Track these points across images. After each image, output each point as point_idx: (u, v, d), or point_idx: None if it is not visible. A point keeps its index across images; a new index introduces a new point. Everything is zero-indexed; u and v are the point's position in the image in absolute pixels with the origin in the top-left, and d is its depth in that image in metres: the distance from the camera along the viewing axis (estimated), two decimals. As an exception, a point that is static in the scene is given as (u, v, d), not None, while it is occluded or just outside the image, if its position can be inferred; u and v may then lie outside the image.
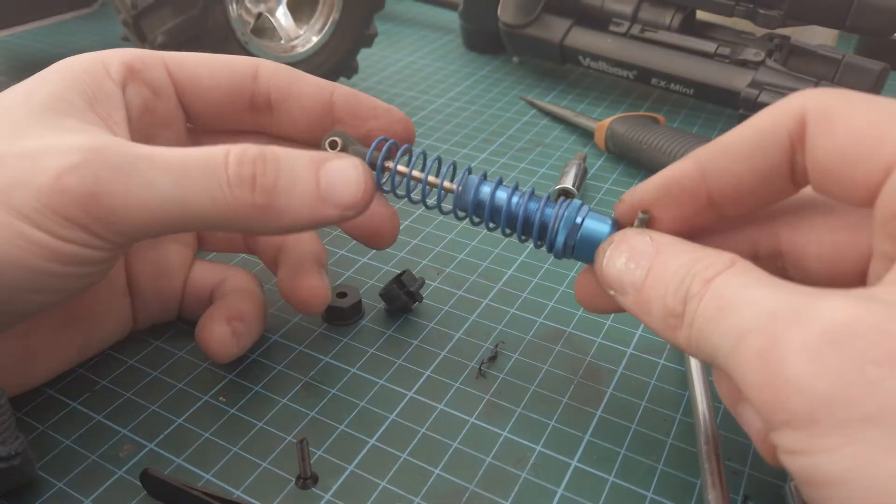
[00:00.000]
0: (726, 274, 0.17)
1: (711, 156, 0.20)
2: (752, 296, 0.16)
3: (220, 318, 0.27)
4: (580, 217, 0.23)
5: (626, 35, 0.50)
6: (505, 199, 0.24)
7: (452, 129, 0.49)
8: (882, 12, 0.42)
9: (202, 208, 0.21)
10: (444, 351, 0.29)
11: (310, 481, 0.24)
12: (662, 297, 0.19)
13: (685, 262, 0.19)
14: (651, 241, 0.20)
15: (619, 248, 0.21)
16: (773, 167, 0.20)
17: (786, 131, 0.19)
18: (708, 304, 0.17)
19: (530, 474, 0.24)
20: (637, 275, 0.20)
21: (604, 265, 0.21)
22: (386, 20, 0.70)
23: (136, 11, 0.40)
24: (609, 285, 0.21)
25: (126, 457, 0.24)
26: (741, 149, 0.20)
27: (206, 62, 0.26)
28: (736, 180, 0.20)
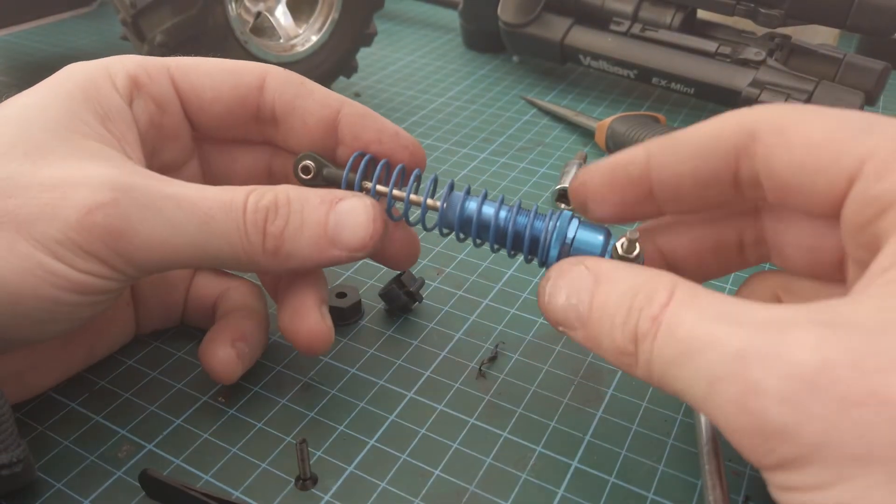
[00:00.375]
0: (672, 306, 0.17)
1: (660, 149, 0.20)
2: (712, 334, 0.16)
3: (223, 340, 0.26)
4: (572, 229, 0.23)
5: (626, 34, 0.50)
6: (492, 214, 0.24)
7: (452, 128, 0.49)
8: (883, 12, 0.42)
9: (219, 251, 0.22)
10: (444, 351, 0.29)
11: (309, 482, 0.23)
12: (609, 333, 0.18)
13: (625, 292, 0.18)
14: (588, 272, 0.20)
15: (558, 284, 0.20)
16: (713, 174, 0.20)
17: (731, 141, 0.19)
18: (665, 347, 0.17)
19: (530, 475, 0.24)
20: (581, 310, 0.19)
21: (546, 303, 0.20)
22: (385, 19, 0.69)
23: (134, 11, 0.40)
24: (556, 322, 0.20)
25: (125, 457, 0.24)
26: (686, 150, 0.20)
27: (212, 73, 0.25)
28: (676, 179, 0.20)
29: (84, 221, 0.20)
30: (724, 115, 0.20)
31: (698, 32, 0.49)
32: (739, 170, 0.19)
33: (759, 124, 0.18)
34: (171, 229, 0.21)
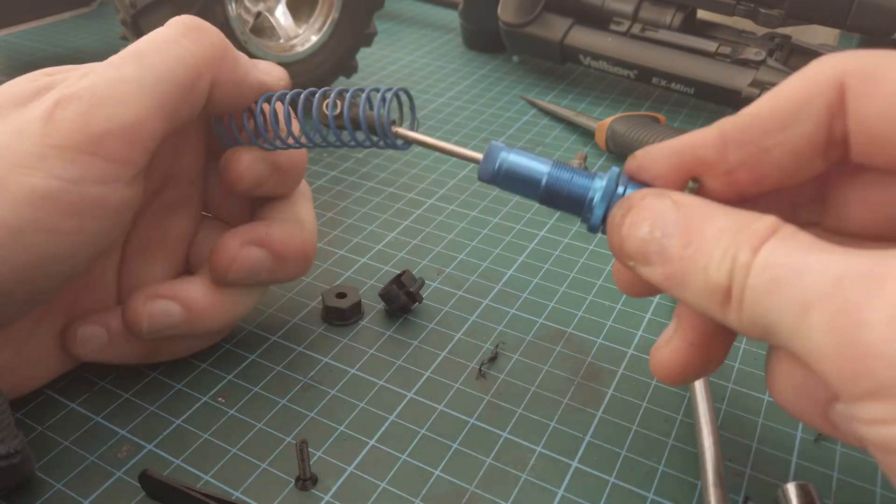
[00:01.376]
0: (773, 240, 0.16)
1: (737, 126, 0.19)
2: (810, 261, 0.15)
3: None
4: (621, 187, 0.21)
5: (626, 34, 0.50)
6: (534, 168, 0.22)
7: (452, 128, 0.49)
8: (883, 12, 0.42)
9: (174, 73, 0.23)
10: (444, 351, 0.29)
11: (309, 482, 0.23)
12: (703, 269, 0.17)
13: (724, 228, 0.17)
14: (675, 206, 0.18)
15: (640, 214, 0.18)
16: (807, 139, 0.18)
17: (823, 99, 0.17)
18: (759, 276, 0.15)
19: (531, 475, 0.24)
20: (665, 244, 0.18)
21: (623, 234, 0.19)
22: (386, 19, 0.69)
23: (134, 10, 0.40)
24: (630, 256, 0.19)
25: (125, 457, 0.24)
26: (773, 121, 0.18)
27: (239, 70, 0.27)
28: (762, 155, 0.18)
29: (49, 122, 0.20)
30: (803, 71, 0.18)
31: (698, 32, 0.49)
32: (833, 128, 0.18)
33: (847, 74, 0.17)
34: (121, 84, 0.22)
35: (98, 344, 0.26)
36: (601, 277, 0.34)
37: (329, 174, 0.43)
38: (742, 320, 0.16)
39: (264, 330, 0.30)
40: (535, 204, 0.40)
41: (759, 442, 0.25)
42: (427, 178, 0.42)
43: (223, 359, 0.29)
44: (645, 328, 0.31)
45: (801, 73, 0.18)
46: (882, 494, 0.23)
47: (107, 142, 0.21)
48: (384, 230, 0.37)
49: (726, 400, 0.27)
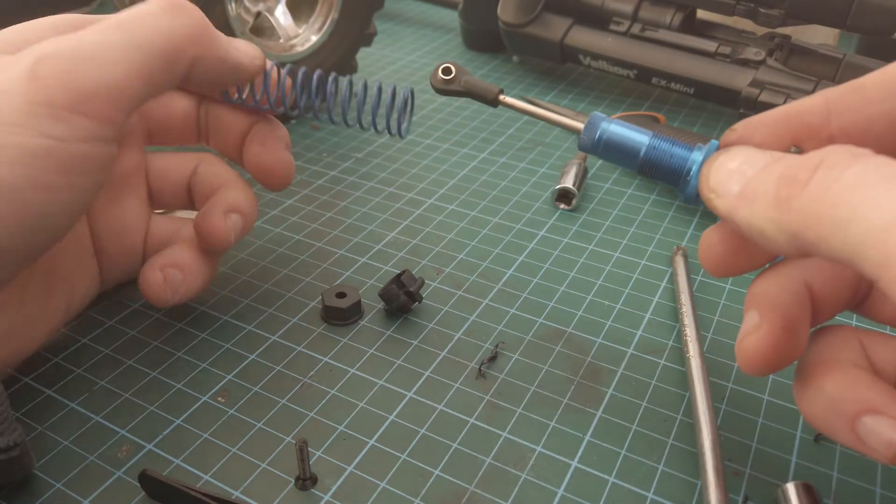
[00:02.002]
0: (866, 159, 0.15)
1: (842, 94, 0.19)
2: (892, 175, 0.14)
3: (154, 265, 0.28)
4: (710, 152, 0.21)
5: (626, 34, 0.50)
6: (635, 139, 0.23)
7: (452, 128, 0.49)
8: (883, 11, 0.42)
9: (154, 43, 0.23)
10: (444, 351, 0.29)
11: (309, 482, 0.23)
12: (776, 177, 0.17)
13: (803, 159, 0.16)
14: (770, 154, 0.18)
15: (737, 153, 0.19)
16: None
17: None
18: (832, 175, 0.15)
19: (530, 475, 0.24)
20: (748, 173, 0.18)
21: (714, 166, 0.19)
22: (385, 19, 0.69)
23: (134, 10, 0.40)
24: (713, 188, 0.19)
25: (125, 457, 0.24)
26: (877, 90, 0.18)
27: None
28: (866, 123, 0.18)
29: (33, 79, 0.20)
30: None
31: (698, 32, 0.49)
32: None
33: None
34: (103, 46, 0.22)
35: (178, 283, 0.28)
36: (601, 277, 0.34)
37: (329, 174, 0.43)
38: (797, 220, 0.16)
39: (264, 329, 0.30)
40: (534, 203, 0.40)
41: (758, 441, 0.25)
42: (427, 177, 0.42)
43: (223, 358, 0.29)
44: (645, 328, 0.31)
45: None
46: (882, 494, 0.23)
47: (92, 101, 0.22)
48: (384, 230, 0.37)
49: (726, 400, 0.27)
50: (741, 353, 0.20)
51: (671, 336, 0.30)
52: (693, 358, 0.28)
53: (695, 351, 0.28)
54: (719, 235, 0.21)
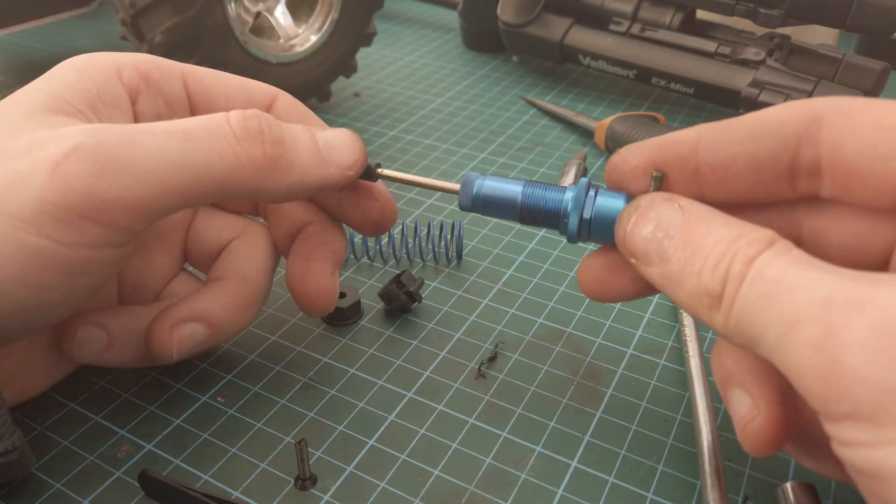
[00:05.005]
0: (768, 253, 0.16)
1: (713, 130, 0.20)
2: (802, 279, 0.15)
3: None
4: (591, 195, 0.22)
5: (626, 34, 0.50)
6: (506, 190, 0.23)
7: (452, 128, 0.49)
8: (882, 12, 0.42)
9: (210, 167, 0.21)
10: (444, 351, 0.29)
11: (309, 482, 0.23)
12: (698, 273, 0.17)
13: (724, 237, 0.17)
14: (681, 209, 0.19)
15: (647, 216, 0.20)
16: (771, 157, 0.19)
17: (794, 125, 0.19)
18: (751, 288, 0.16)
19: (530, 475, 0.24)
20: (665, 245, 0.19)
21: (627, 231, 0.20)
22: (385, 19, 0.69)
23: (134, 11, 0.40)
24: (632, 254, 0.20)
25: (124, 457, 0.24)
26: (742, 130, 0.19)
27: (225, 82, 0.26)
28: (728, 159, 0.20)
29: (56, 176, 0.19)
30: (786, 103, 0.19)
31: (698, 32, 0.49)
32: (799, 156, 0.19)
33: (826, 109, 0.18)
34: (151, 155, 0.20)
35: (97, 347, 0.24)
36: (601, 277, 0.34)
37: (329, 174, 0.43)
38: (728, 326, 0.17)
39: (264, 330, 0.30)
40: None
41: (758, 442, 0.25)
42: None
43: (223, 358, 0.29)
44: (644, 328, 0.31)
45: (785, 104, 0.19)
46: (881, 494, 0.23)
47: (111, 211, 0.19)
48: (384, 230, 0.37)
49: (726, 400, 0.27)
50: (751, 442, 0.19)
51: (671, 336, 0.30)
52: (693, 358, 0.28)
53: (694, 351, 0.28)
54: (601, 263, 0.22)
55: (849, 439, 0.14)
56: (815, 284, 0.15)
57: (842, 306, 0.14)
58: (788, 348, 0.15)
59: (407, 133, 0.48)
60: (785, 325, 0.15)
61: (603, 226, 0.22)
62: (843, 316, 0.14)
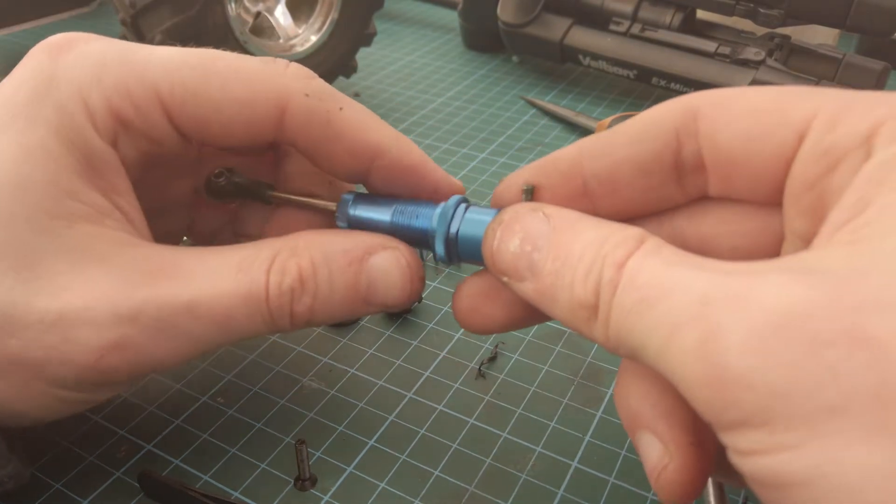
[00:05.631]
0: (638, 255, 0.15)
1: (593, 140, 0.19)
2: (677, 279, 0.14)
3: None
4: (459, 211, 0.20)
5: (626, 34, 0.50)
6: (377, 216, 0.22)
7: (452, 128, 0.49)
8: (882, 12, 0.42)
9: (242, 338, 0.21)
10: (444, 352, 0.29)
11: (308, 482, 0.23)
12: (570, 285, 0.16)
13: (591, 241, 0.16)
14: (546, 218, 0.18)
15: (512, 228, 0.18)
16: (654, 158, 0.18)
17: (671, 123, 0.18)
18: (625, 295, 0.15)
19: (530, 475, 0.24)
20: (535, 258, 0.17)
21: (494, 248, 0.18)
22: (385, 19, 0.69)
23: (134, 11, 0.40)
24: (502, 272, 0.18)
25: (124, 457, 0.24)
26: (622, 136, 0.19)
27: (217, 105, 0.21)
28: (612, 167, 0.19)
29: (97, 366, 0.19)
30: (664, 102, 0.19)
31: (698, 32, 0.49)
32: (681, 152, 0.18)
33: (700, 102, 0.18)
34: (191, 342, 0.20)
35: None
36: (601, 277, 0.34)
37: (328, 174, 0.43)
38: (609, 339, 0.16)
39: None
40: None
41: (758, 442, 0.25)
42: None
43: (222, 359, 0.29)
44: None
45: (660, 104, 0.19)
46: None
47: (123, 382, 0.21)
48: (384, 230, 0.37)
49: (726, 400, 0.27)
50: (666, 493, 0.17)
51: (671, 336, 0.30)
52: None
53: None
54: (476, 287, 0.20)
55: (743, 448, 0.13)
56: (691, 284, 0.14)
57: (720, 306, 0.13)
58: (670, 356, 0.14)
59: (407, 133, 0.48)
60: (664, 331, 0.14)
61: (472, 244, 0.20)
62: (722, 316, 0.13)
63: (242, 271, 0.20)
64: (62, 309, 0.19)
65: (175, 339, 0.20)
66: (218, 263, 0.20)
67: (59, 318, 0.19)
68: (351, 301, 0.21)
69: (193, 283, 0.20)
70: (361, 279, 0.21)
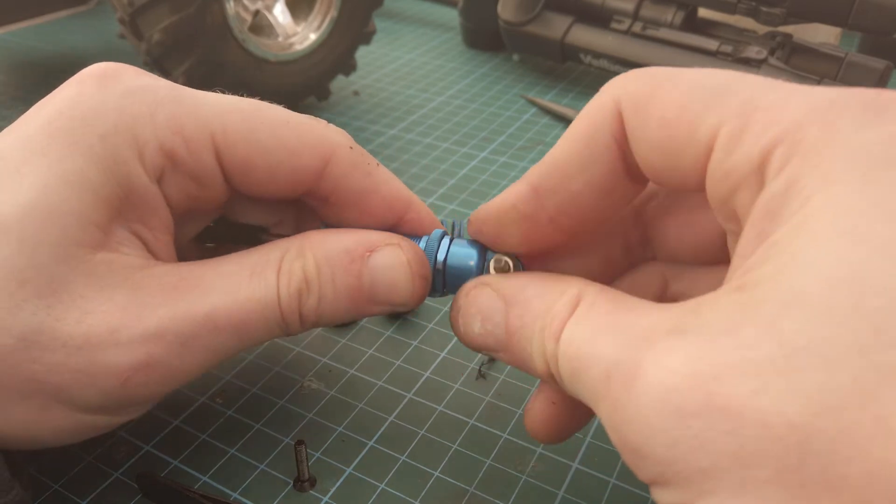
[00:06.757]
0: (570, 324, 0.17)
1: (542, 177, 0.18)
2: (593, 351, 0.16)
3: None
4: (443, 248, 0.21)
5: (627, 33, 0.50)
6: None
7: (452, 127, 0.48)
8: (885, 10, 0.42)
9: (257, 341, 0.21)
10: (444, 352, 0.29)
11: (308, 484, 0.23)
12: (530, 358, 0.18)
13: (537, 314, 0.18)
14: (496, 295, 0.19)
15: (470, 312, 0.19)
16: (608, 174, 0.18)
17: (608, 132, 0.17)
18: (563, 366, 0.17)
19: (531, 476, 0.24)
20: (498, 334, 0.19)
21: (463, 334, 0.20)
22: (385, 17, 0.69)
23: (132, 9, 0.40)
24: (477, 350, 0.20)
25: (123, 458, 0.24)
26: (570, 165, 0.18)
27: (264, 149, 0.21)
28: (574, 198, 0.18)
29: (125, 386, 0.19)
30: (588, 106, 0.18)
31: (699, 31, 0.49)
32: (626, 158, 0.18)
33: (623, 102, 0.17)
34: (211, 353, 0.20)
35: None
36: (602, 277, 0.34)
37: (328, 173, 0.42)
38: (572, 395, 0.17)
39: (263, 330, 0.30)
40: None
41: (760, 443, 0.25)
42: (427, 177, 0.42)
43: (221, 359, 0.29)
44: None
45: (586, 108, 0.18)
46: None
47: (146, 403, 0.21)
48: (383, 229, 0.37)
49: (728, 400, 0.27)
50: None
51: (672, 336, 0.30)
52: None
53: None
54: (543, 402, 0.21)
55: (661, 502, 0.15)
56: (602, 354, 0.15)
57: (618, 381, 0.14)
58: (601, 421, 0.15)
59: (407, 132, 0.48)
60: (591, 401, 0.16)
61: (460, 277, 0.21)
62: (619, 393, 0.14)
63: (255, 276, 0.20)
64: (87, 332, 0.19)
65: (198, 352, 0.20)
66: (231, 271, 0.21)
67: (85, 341, 0.18)
68: (356, 300, 0.21)
69: (212, 293, 0.20)
70: (364, 278, 0.21)
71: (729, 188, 0.15)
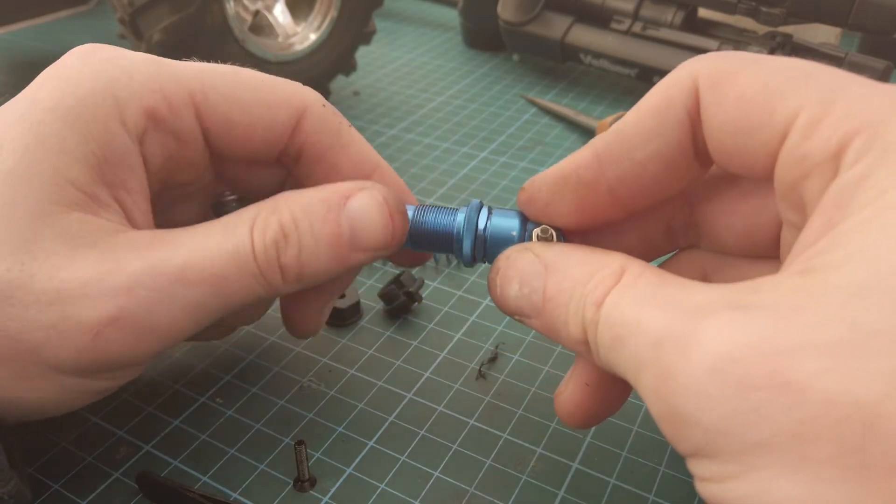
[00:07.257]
0: (615, 293, 0.17)
1: (608, 144, 0.19)
2: (640, 320, 0.16)
3: None
4: (484, 216, 0.22)
5: (627, 33, 0.50)
6: None
7: (452, 127, 0.48)
8: (885, 10, 0.42)
9: (241, 301, 0.21)
10: (444, 352, 0.29)
11: (308, 484, 0.23)
12: (564, 322, 0.18)
13: (577, 280, 0.18)
14: (538, 260, 0.19)
15: (508, 274, 0.19)
16: (675, 148, 0.18)
17: (682, 106, 0.17)
18: (603, 333, 0.17)
19: (531, 476, 0.24)
20: (534, 299, 0.19)
21: (498, 295, 0.20)
22: (385, 17, 0.69)
23: (132, 9, 0.40)
24: (510, 313, 0.20)
25: (123, 458, 0.24)
26: (638, 135, 0.18)
27: (242, 106, 0.22)
28: (637, 169, 0.18)
29: (97, 342, 0.19)
30: (664, 80, 0.18)
31: (699, 31, 0.49)
32: (696, 134, 0.18)
33: (701, 80, 0.17)
34: (188, 310, 0.20)
35: None
36: (602, 277, 0.34)
37: (328, 173, 0.42)
38: (603, 365, 0.17)
39: (262, 330, 0.30)
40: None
41: (760, 443, 0.25)
42: (427, 177, 0.42)
43: (221, 359, 0.29)
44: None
45: (662, 82, 0.18)
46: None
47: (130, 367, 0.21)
48: (383, 229, 0.37)
49: (727, 400, 0.27)
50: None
51: (672, 336, 0.30)
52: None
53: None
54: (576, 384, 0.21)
55: (699, 475, 0.15)
56: (650, 324, 0.15)
57: (670, 349, 0.14)
58: (640, 390, 0.16)
59: (407, 132, 0.48)
60: (632, 369, 0.16)
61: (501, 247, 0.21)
62: (671, 360, 0.14)
63: (227, 232, 0.21)
64: (58, 288, 0.19)
65: (172, 308, 0.20)
66: (205, 230, 0.21)
67: (57, 297, 0.19)
68: (336, 247, 0.21)
69: (182, 248, 0.20)
70: (343, 224, 0.21)
71: (800, 173, 0.15)
